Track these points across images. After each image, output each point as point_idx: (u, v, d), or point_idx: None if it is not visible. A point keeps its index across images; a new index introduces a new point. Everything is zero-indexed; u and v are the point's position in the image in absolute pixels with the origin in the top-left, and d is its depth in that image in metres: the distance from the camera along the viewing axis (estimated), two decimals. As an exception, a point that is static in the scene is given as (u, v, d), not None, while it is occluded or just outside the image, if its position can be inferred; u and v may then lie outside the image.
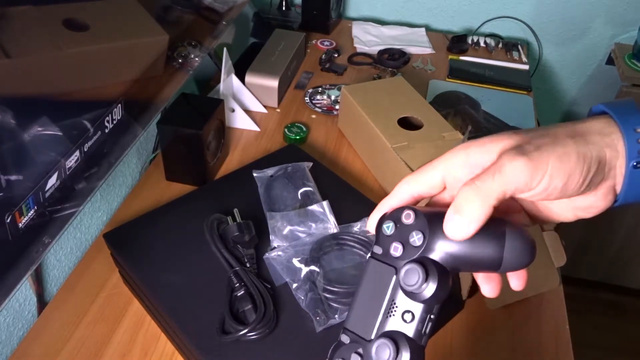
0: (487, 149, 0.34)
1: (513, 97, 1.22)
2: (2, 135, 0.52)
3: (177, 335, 0.64)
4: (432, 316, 0.35)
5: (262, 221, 0.74)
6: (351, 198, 0.80)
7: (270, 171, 0.82)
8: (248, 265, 0.67)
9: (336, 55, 1.34)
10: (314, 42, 1.39)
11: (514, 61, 1.36)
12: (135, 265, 0.69)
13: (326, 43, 1.38)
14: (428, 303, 0.35)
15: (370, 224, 0.39)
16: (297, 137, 1.02)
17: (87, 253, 0.80)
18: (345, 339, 0.36)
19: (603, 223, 1.65)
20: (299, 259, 0.68)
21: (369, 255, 0.38)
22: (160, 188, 0.91)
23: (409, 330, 0.35)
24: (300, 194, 0.78)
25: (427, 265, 0.34)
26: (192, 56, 0.96)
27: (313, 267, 0.66)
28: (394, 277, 0.36)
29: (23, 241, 0.58)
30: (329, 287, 0.64)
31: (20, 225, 0.57)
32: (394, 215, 0.37)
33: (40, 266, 0.77)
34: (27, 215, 0.58)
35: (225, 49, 1.05)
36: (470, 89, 1.22)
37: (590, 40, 1.51)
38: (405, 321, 0.35)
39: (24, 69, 0.55)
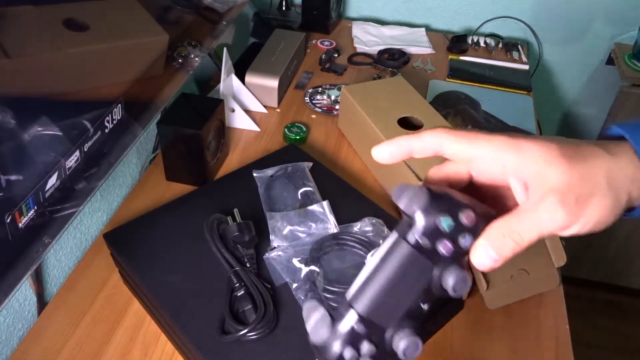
0: (532, 165, 0.35)
1: (513, 97, 1.22)
2: (2, 135, 0.52)
3: (177, 335, 0.64)
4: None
5: (262, 221, 0.74)
6: (351, 198, 0.80)
7: (270, 171, 0.82)
8: (248, 265, 0.67)
9: (336, 55, 1.34)
10: (314, 42, 1.39)
11: (514, 61, 1.36)
12: (135, 265, 0.69)
13: (326, 43, 1.38)
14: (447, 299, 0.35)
15: (380, 154, 0.38)
16: (297, 137, 1.02)
17: (87, 253, 0.80)
18: (358, 326, 0.34)
19: (603, 223, 1.64)
20: (299, 259, 0.68)
21: (400, 237, 0.35)
22: (160, 188, 0.91)
23: (421, 320, 0.35)
24: (300, 194, 0.78)
25: (470, 271, 0.35)
26: (192, 56, 0.96)
27: (313, 267, 0.66)
28: (432, 272, 0.35)
29: (23, 241, 0.58)
30: (329, 287, 0.64)
31: (20, 225, 0.57)
32: (452, 210, 0.35)
33: (40, 266, 0.77)
34: (27, 215, 0.58)
35: (225, 49, 1.05)
36: (470, 89, 1.22)
37: (590, 40, 1.51)
38: (421, 312, 0.35)
39: (24, 69, 0.55)
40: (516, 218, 0.35)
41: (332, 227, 0.73)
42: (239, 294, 0.63)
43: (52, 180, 0.61)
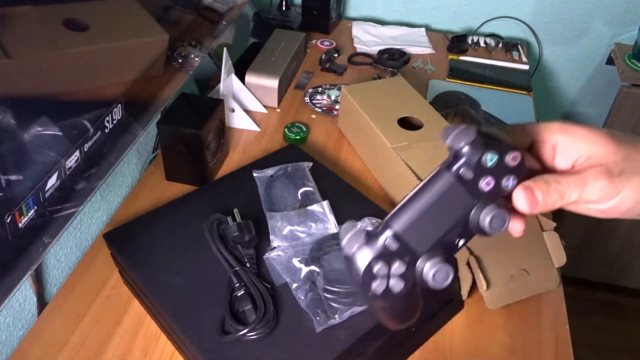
0: (581, 146, 0.39)
1: (513, 97, 1.22)
2: (2, 135, 0.52)
3: (177, 335, 0.64)
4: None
5: (262, 221, 0.74)
6: (351, 198, 0.80)
7: (270, 171, 0.82)
8: (248, 265, 0.67)
9: (336, 55, 1.34)
10: (314, 42, 1.39)
11: (514, 61, 1.36)
12: (135, 265, 0.69)
13: (326, 43, 1.38)
14: (478, 235, 0.37)
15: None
16: (297, 137, 1.02)
17: (87, 253, 0.80)
18: (392, 243, 0.35)
19: (603, 223, 1.64)
20: (299, 259, 0.68)
21: (444, 167, 0.36)
22: (160, 188, 0.91)
23: (455, 252, 0.37)
24: (300, 194, 0.78)
25: (508, 211, 0.37)
26: (192, 56, 0.96)
27: (313, 267, 0.66)
28: (470, 206, 0.36)
29: (23, 241, 0.58)
30: (329, 287, 0.64)
31: (20, 225, 0.57)
32: (498, 148, 0.36)
33: (40, 266, 0.77)
34: (27, 215, 0.58)
35: (225, 49, 1.05)
36: (470, 89, 1.22)
37: (590, 40, 1.51)
38: (456, 246, 0.37)
39: (24, 69, 0.55)
40: (564, 176, 0.38)
41: (332, 227, 0.73)
42: (239, 294, 0.63)
43: (52, 180, 0.61)
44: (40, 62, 0.57)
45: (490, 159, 0.35)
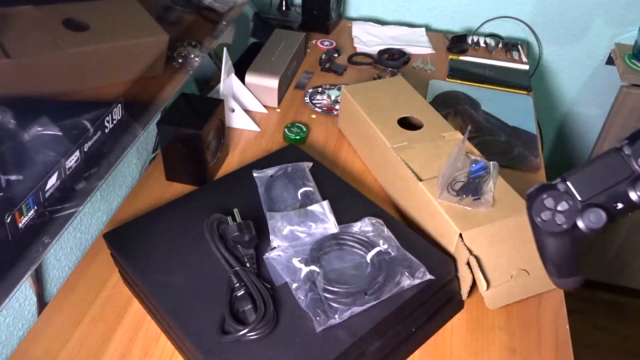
0: None
1: (513, 97, 1.22)
2: (2, 135, 0.52)
3: (177, 335, 0.64)
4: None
5: (262, 221, 0.74)
6: (351, 198, 0.80)
7: (270, 171, 0.82)
8: (248, 265, 0.67)
9: (336, 55, 1.34)
10: (314, 42, 1.39)
11: (514, 61, 1.36)
12: (135, 265, 0.69)
13: (326, 43, 1.39)
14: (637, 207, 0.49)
15: None
16: (297, 137, 1.02)
17: (87, 253, 0.80)
18: (561, 186, 0.50)
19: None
20: (299, 259, 0.68)
21: (613, 146, 0.50)
22: (160, 188, 0.91)
23: (613, 212, 0.49)
24: (300, 194, 0.78)
25: None
26: (192, 56, 0.96)
27: (313, 267, 0.66)
28: (628, 178, 0.48)
29: (23, 241, 0.59)
30: (329, 287, 0.64)
31: (20, 225, 0.57)
32: None
33: (40, 266, 0.77)
34: (27, 215, 0.58)
35: (225, 49, 1.05)
36: (470, 89, 1.22)
37: (590, 40, 1.51)
38: (615, 207, 0.49)
39: (24, 69, 0.55)
40: None
41: (332, 227, 0.73)
42: (239, 294, 0.63)
43: (52, 180, 0.61)
44: (40, 62, 0.57)
45: None
